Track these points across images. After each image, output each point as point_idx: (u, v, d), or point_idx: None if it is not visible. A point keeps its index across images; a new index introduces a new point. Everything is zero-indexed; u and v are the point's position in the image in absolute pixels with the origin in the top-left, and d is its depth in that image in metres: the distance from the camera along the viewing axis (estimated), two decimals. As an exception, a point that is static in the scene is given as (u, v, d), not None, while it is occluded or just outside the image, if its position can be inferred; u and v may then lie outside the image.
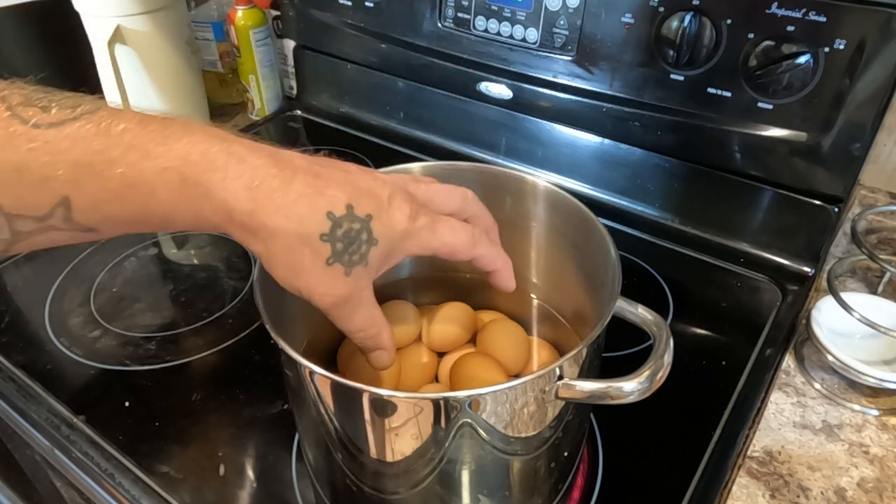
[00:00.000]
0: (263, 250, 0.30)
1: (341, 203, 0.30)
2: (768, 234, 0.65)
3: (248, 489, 0.46)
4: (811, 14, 0.52)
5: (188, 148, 0.28)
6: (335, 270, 0.31)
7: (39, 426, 0.50)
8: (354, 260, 0.31)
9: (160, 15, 0.75)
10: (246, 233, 0.29)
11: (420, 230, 0.33)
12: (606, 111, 0.67)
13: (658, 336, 0.35)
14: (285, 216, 0.29)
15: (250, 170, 0.29)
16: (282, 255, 0.30)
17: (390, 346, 0.36)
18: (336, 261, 0.30)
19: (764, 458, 0.47)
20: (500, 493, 0.39)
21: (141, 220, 0.29)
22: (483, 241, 0.36)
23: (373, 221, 0.31)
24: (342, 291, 0.31)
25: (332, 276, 0.31)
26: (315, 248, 0.30)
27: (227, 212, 0.29)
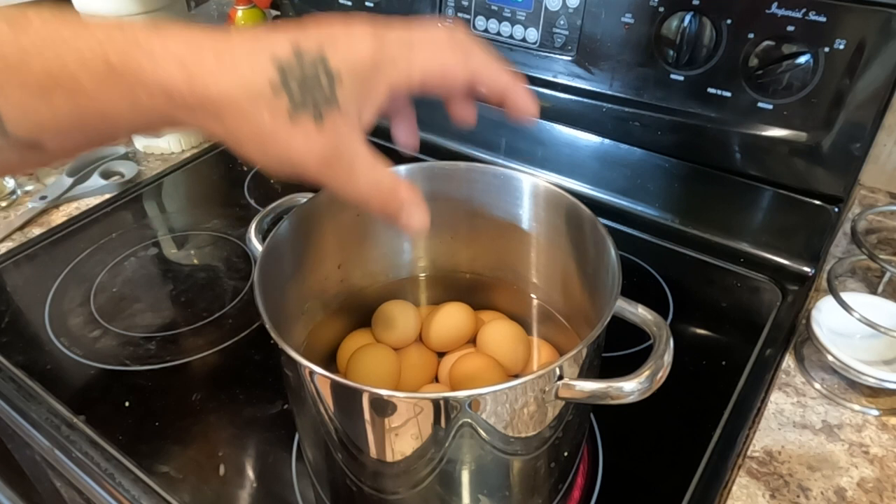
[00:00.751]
0: (221, 129, 0.26)
1: (284, 45, 0.26)
2: (768, 234, 0.65)
3: (248, 489, 0.46)
4: (811, 14, 0.52)
5: (110, 33, 0.25)
6: (304, 122, 0.26)
7: (39, 426, 0.50)
8: (320, 104, 0.26)
9: (160, 15, 0.75)
10: (194, 113, 0.26)
11: (393, 54, 0.28)
12: (606, 111, 0.67)
13: (658, 336, 0.35)
14: (226, 78, 0.25)
15: (180, 43, 0.25)
16: (240, 127, 0.26)
17: (416, 200, 0.30)
18: (299, 109, 0.26)
19: (764, 458, 0.47)
20: (500, 493, 0.39)
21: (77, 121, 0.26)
22: (476, 54, 0.31)
23: (328, 56, 0.26)
24: (322, 145, 0.27)
25: (303, 130, 0.26)
26: (271, 104, 0.26)
27: (165, 93, 0.25)
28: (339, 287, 0.49)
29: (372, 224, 0.48)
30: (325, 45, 0.27)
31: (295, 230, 0.42)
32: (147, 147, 0.84)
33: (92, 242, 0.69)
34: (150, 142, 0.83)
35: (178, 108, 0.26)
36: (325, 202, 0.44)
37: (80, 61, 0.25)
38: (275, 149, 0.27)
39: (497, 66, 0.32)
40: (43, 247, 0.68)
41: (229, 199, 0.76)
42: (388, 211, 0.30)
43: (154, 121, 0.27)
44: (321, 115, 0.26)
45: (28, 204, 0.73)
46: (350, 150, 0.28)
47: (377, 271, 0.51)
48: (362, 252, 0.49)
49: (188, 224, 0.72)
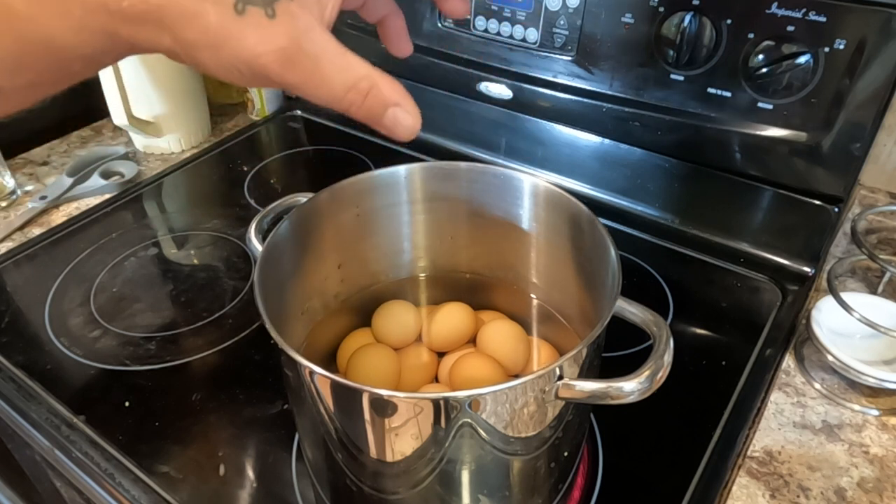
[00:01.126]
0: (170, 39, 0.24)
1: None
2: (768, 234, 0.65)
3: (248, 489, 0.46)
4: (811, 14, 0.52)
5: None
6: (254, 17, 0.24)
7: (39, 426, 0.50)
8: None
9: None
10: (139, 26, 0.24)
11: None
12: (606, 111, 0.67)
13: (658, 336, 0.35)
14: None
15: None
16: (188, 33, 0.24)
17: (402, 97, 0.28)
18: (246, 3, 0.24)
19: (764, 458, 0.47)
20: (500, 493, 0.39)
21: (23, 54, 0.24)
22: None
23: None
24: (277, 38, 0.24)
25: (254, 25, 0.24)
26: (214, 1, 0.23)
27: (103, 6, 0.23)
28: (339, 287, 0.49)
29: (372, 224, 0.48)
30: None
31: (295, 230, 0.42)
32: (147, 147, 0.84)
33: (92, 242, 0.69)
34: (149, 142, 0.83)
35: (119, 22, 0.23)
36: (326, 202, 0.44)
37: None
38: (228, 51, 0.24)
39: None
40: (43, 247, 0.68)
41: (229, 199, 0.76)
42: (370, 111, 0.28)
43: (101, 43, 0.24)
44: (271, 4, 0.24)
45: (28, 204, 0.73)
46: (312, 43, 0.25)
47: (377, 271, 0.51)
48: (362, 252, 0.49)
49: (188, 224, 0.72)
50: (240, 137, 0.88)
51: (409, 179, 0.47)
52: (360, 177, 0.46)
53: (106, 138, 0.88)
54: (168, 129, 0.83)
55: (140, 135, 0.82)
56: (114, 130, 0.89)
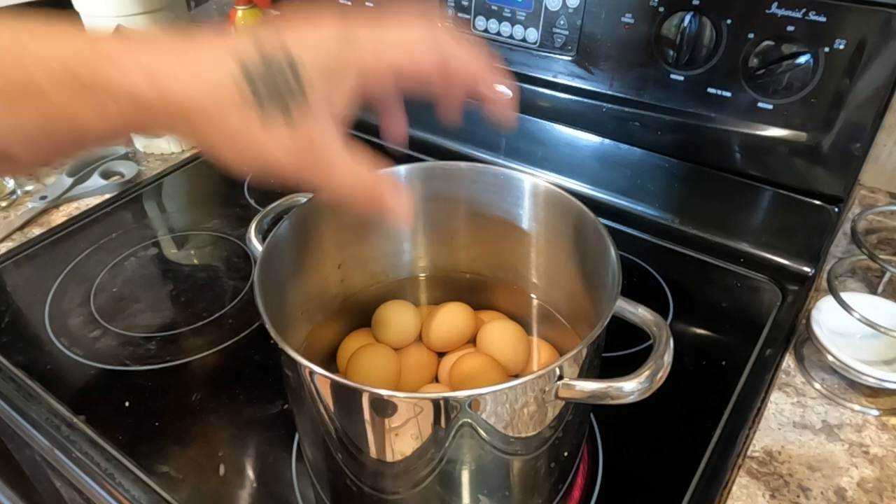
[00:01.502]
0: (192, 134, 0.26)
1: (247, 44, 0.26)
2: (768, 234, 0.65)
3: (248, 489, 0.46)
4: (811, 14, 0.52)
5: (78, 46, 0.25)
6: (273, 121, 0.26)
7: (39, 426, 0.50)
8: (287, 100, 0.26)
9: (160, 15, 0.75)
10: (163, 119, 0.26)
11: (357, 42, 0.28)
12: (606, 111, 0.67)
13: (658, 336, 0.35)
14: (190, 82, 0.25)
15: (144, 52, 0.25)
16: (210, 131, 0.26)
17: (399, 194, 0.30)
18: (267, 108, 0.26)
19: (764, 458, 0.47)
20: (500, 493, 0.39)
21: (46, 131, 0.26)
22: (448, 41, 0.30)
23: (292, 52, 0.26)
24: (294, 141, 0.26)
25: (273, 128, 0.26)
26: (237, 105, 0.25)
27: (132, 101, 0.25)
28: (339, 287, 0.49)
29: (372, 224, 0.48)
30: (289, 42, 0.26)
31: (295, 230, 0.42)
32: (147, 147, 0.84)
33: (92, 242, 0.69)
34: (150, 142, 0.83)
35: (144, 114, 0.26)
36: (326, 202, 0.44)
37: (48, 74, 0.25)
38: (248, 150, 0.26)
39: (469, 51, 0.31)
40: (43, 247, 0.68)
41: (229, 199, 0.76)
42: (373, 204, 0.30)
43: (122, 127, 0.26)
44: (290, 111, 0.26)
45: (28, 204, 0.73)
46: (324, 145, 0.27)
47: (377, 271, 0.51)
48: (362, 252, 0.49)
49: (188, 224, 0.72)
50: (240, 137, 0.88)
51: (409, 179, 0.47)
52: (360, 177, 0.45)
53: (106, 138, 0.88)
54: (168, 129, 0.83)
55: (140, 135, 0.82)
56: (114, 130, 0.89)
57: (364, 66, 0.28)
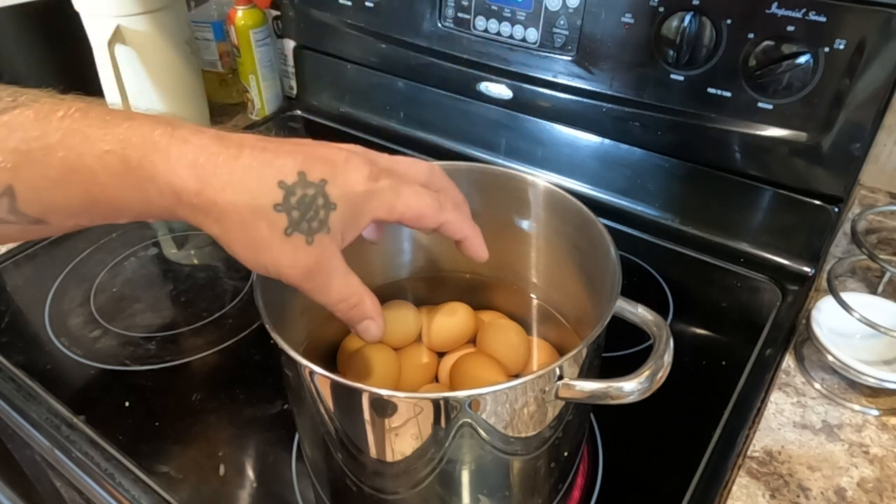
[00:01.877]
0: (219, 231, 0.29)
1: (292, 171, 0.29)
2: (768, 234, 0.65)
3: (248, 489, 0.46)
4: (811, 14, 0.52)
5: (129, 132, 0.27)
6: (296, 240, 0.30)
7: (39, 426, 0.50)
8: (314, 227, 0.30)
9: (160, 15, 0.75)
10: (198, 214, 0.29)
11: (382, 191, 0.32)
12: (606, 111, 0.67)
13: (658, 336, 0.35)
14: (234, 191, 0.28)
15: (194, 149, 0.28)
16: (238, 233, 0.29)
17: (376, 314, 0.34)
18: (294, 230, 0.29)
19: (764, 458, 0.47)
20: (500, 493, 0.39)
21: (88, 208, 0.28)
22: (449, 206, 0.35)
23: (328, 186, 0.30)
24: (307, 261, 0.30)
25: (293, 246, 0.30)
26: (270, 220, 0.29)
27: (175, 193, 0.28)
28: (339, 287, 0.49)
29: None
30: (326, 174, 0.30)
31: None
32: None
33: (92, 242, 0.69)
34: (150, 142, 0.83)
35: (183, 208, 0.28)
36: None
37: (99, 157, 0.27)
38: (267, 258, 0.30)
39: (462, 218, 0.36)
40: (43, 247, 0.68)
41: (229, 199, 0.76)
42: (351, 318, 0.34)
43: (157, 213, 0.29)
44: (313, 235, 0.30)
45: (28, 204, 0.73)
46: (330, 266, 0.31)
47: (377, 271, 0.51)
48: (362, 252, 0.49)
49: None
50: (240, 137, 0.88)
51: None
52: (360, 177, 0.45)
53: (106, 138, 0.88)
54: (168, 129, 0.83)
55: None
56: (114, 130, 0.89)
57: (378, 216, 0.32)
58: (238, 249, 0.30)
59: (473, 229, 0.37)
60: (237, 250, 0.30)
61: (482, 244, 0.38)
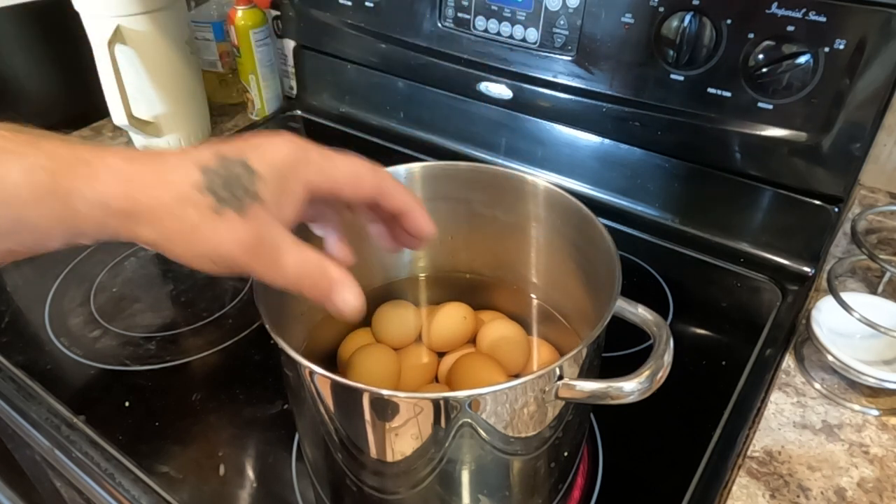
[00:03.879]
0: (152, 233, 0.29)
1: (209, 155, 0.29)
2: (768, 234, 0.65)
3: (248, 489, 0.46)
4: (811, 14, 0.52)
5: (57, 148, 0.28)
6: (228, 217, 0.29)
7: (39, 426, 0.50)
8: (241, 198, 0.29)
9: (160, 15, 0.75)
10: (129, 221, 0.28)
11: (311, 157, 0.31)
12: (606, 111, 0.67)
13: (658, 336, 0.35)
14: (158, 187, 0.28)
15: (119, 160, 0.28)
16: (170, 229, 0.29)
17: (347, 281, 0.32)
18: (224, 205, 0.28)
19: (764, 458, 0.47)
20: (500, 493, 0.39)
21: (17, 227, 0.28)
22: (387, 176, 0.34)
23: (249, 159, 0.29)
24: (245, 234, 0.29)
25: (227, 223, 0.29)
26: (196, 203, 0.28)
27: (103, 202, 0.27)
28: (339, 287, 0.49)
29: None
30: (246, 150, 0.30)
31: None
32: (147, 147, 0.84)
33: (91, 243, 0.69)
34: (149, 142, 0.83)
35: (114, 216, 0.28)
36: None
37: (25, 172, 0.27)
38: (202, 243, 0.29)
39: (402, 188, 0.35)
40: (43, 247, 0.68)
41: (229, 199, 0.76)
42: (320, 291, 0.31)
43: (90, 231, 0.28)
44: (243, 207, 0.29)
45: (28, 204, 0.73)
46: (273, 237, 0.30)
47: (377, 271, 0.51)
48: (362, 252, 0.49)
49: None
50: (240, 137, 0.88)
51: (409, 179, 0.47)
52: (360, 177, 0.45)
53: (106, 138, 0.88)
54: (168, 129, 0.83)
55: (140, 135, 0.82)
56: (114, 130, 0.89)
57: (312, 182, 0.31)
58: (175, 247, 0.29)
59: (416, 201, 0.36)
60: (175, 248, 0.29)
61: (427, 217, 0.36)
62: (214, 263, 0.30)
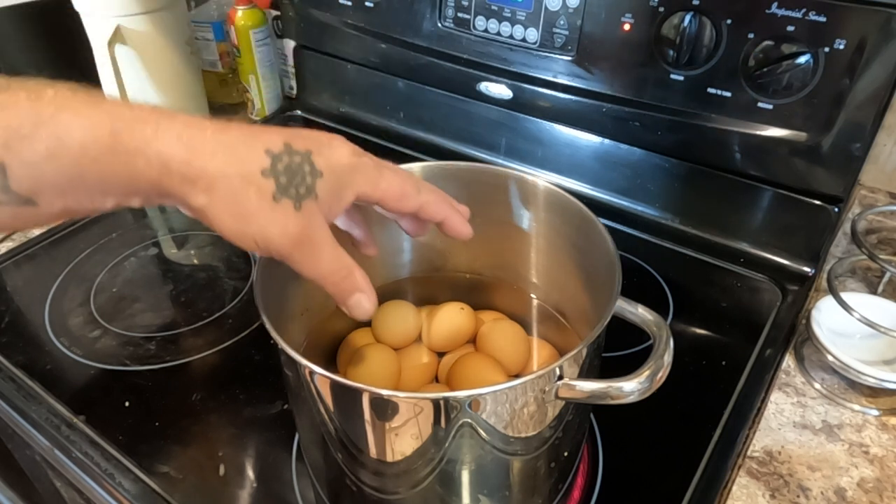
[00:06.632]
0: (206, 201, 0.29)
1: (278, 141, 0.30)
2: (768, 234, 0.65)
3: (248, 489, 0.46)
4: (811, 14, 0.52)
5: (118, 108, 0.28)
6: (284, 206, 0.30)
7: (39, 426, 0.50)
8: (301, 192, 0.30)
9: (160, 15, 0.75)
10: (185, 184, 0.29)
11: (366, 166, 0.33)
12: (606, 111, 0.67)
13: (658, 336, 0.35)
14: (223, 158, 0.29)
15: (181, 124, 0.29)
16: (226, 203, 0.29)
17: (367, 288, 0.34)
18: (283, 195, 0.30)
19: (764, 458, 0.47)
20: (500, 493, 0.39)
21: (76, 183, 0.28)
22: (427, 188, 0.36)
23: (313, 155, 0.31)
24: (296, 228, 0.30)
25: (282, 212, 0.30)
26: (259, 186, 0.29)
27: (163, 163, 0.28)
28: (339, 287, 0.49)
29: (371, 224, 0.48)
30: (311, 146, 0.31)
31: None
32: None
33: (92, 242, 0.69)
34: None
35: (171, 177, 0.28)
36: None
37: (88, 130, 0.27)
38: (253, 225, 0.30)
39: (441, 198, 0.37)
40: (43, 247, 0.68)
41: (229, 199, 0.76)
42: (342, 292, 0.34)
43: (144, 188, 0.29)
44: (301, 201, 0.30)
45: (28, 204, 0.73)
46: (318, 235, 0.32)
47: (377, 271, 0.51)
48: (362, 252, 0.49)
49: (188, 224, 0.72)
50: (240, 137, 0.88)
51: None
52: (360, 177, 0.45)
53: (106, 138, 0.88)
54: (168, 129, 0.83)
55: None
56: (114, 130, 0.89)
57: (363, 190, 0.33)
58: (226, 220, 0.30)
59: (453, 209, 0.38)
60: (225, 221, 0.30)
61: (464, 222, 0.38)
62: (257, 245, 0.30)
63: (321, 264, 0.32)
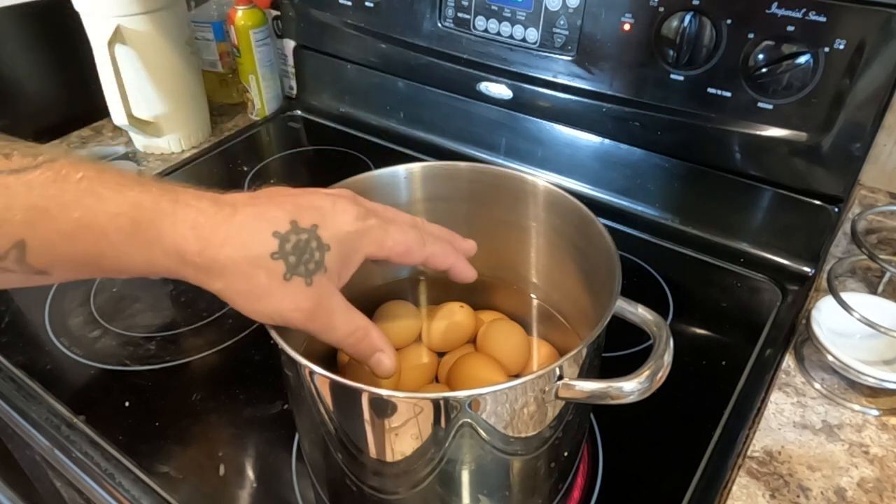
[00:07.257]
0: (221, 286, 0.31)
1: (284, 221, 0.31)
2: (768, 234, 0.65)
3: (248, 489, 0.46)
4: (811, 14, 0.52)
5: (140, 196, 0.29)
6: (295, 284, 0.31)
7: (39, 426, 0.50)
8: (311, 269, 0.32)
9: (160, 15, 0.75)
10: (200, 273, 0.31)
11: (371, 229, 0.34)
12: (606, 111, 0.67)
13: (658, 336, 0.35)
14: (232, 246, 0.30)
15: (195, 213, 0.30)
16: (239, 286, 0.31)
17: (386, 347, 0.36)
18: (293, 274, 0.31)
19: (764, 458, 0.47)
20: (500, 493, 0.39)
21: (93, 263, 0.30)
22: (430, 240, 0.38)
23: (319, 229, 0.32)
24: (308, 302, 0.32)
25: (293, 290, 0.31)
26: (269, 268, 0.31)
27: (178, 254, 0.30)
28: (339, 287, 0.49)
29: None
30: (317, 219, 0.32)
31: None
32: (147, 147, 0.84)
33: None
34: (149, 142, 0.83)
35: (186, 267, 0.30)
36: None
37: (112, 217, 0.29)
38: (269, 305, 0.32)
39: (445, 249, 0.39)
40: (43, 247, 0.68)
41: (229, 199, 0.76)
42: (360, 353, 0.35)
43: (159, 272, 0.31)
44: (311, 277, 0.32)
45: (28, 204, 0.73)
46: (331, 305, 0.33)
47: (377, 271, 0.51)
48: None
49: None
50: (240, 137, 0.88)
51: (408, 179, 0.47)
52: (360, 177, 0.46)
53: (106, 138, 0.88)
54: (168, 129, 0.83)
55: (140, 135, 0.82)
56: (114, 130, 0.89)
57: (370, 252, 0.35)
58: (241, 302, 0.31)
59: (456, 256, 0.39)
60: (240, 303, 0.32)
61: (468, 267, 0.40)
62: (273, 321, 0.32)
63: (336, 331, 0.34)
